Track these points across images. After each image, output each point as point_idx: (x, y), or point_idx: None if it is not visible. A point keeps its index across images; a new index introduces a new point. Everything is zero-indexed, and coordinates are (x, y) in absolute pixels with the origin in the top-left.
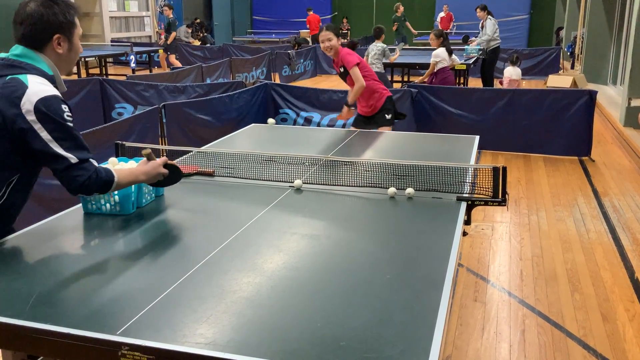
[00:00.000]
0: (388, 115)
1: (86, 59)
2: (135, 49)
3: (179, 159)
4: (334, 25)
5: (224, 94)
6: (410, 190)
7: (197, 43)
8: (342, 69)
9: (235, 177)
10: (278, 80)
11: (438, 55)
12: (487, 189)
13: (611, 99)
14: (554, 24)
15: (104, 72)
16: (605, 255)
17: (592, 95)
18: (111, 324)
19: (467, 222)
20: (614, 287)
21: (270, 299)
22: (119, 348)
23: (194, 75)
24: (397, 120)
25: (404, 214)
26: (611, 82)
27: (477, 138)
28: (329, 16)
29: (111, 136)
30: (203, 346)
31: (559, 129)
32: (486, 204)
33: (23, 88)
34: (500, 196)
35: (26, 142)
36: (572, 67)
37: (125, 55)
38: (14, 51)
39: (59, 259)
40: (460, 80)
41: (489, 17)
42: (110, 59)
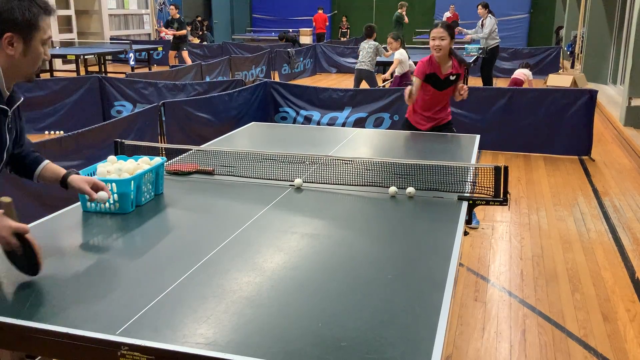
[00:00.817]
0: (454, 129)
1: (85, 57)
2: (135, 47)
3: (178, 157)
4: (452, 24)
5: (223, 92)
6: (411, 189)
7: (197, 41)
8: (454, 77)
9: (235, 176)
10: (277, 79)
11: (402, 54)
12: (488, 189)
13: (611, 98)
14: (553, 23)
15: (103, 70)
16: (606, 255)
17: (593, 94)
18: (110, 323)
19: (468, 222)
20: (615, 287)
21: (271, 299)
22: (118, 348)
23: (194, 73)
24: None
25: (405, 213)
26: (611, 82)
27: (478, 137)
28: (329, 15)
29: (110, 134)
30: (203, 346)
31: (560, 129)
32: (487, 203)
33: None
34: (501, 196)
35: None
36: (572, 67)
37: (125, 53)
38: None
39: (57, 258)
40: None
41: (489, 16)
42: (109, 57)
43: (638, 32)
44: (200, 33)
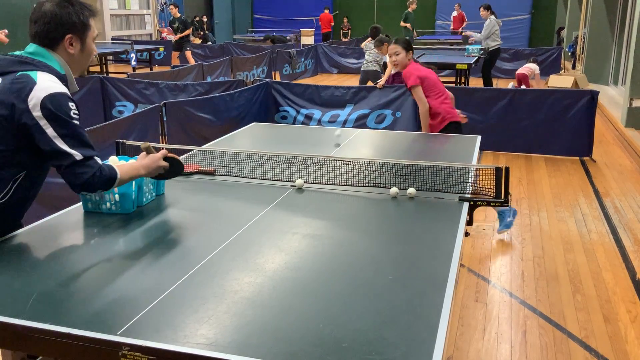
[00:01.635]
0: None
1: None
2: (136, 47)
3: (179, 158)
4: (404, 38)
5: (224, 93)
6: (412, 190)
7: (198, 41)
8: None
9: (236, 176)
10: (279, 79)
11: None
12: (490, 190)
13: (612, 99)
14: (555, 24)
15: (105, 70)
16: (607, 256)
17: (594, 95)
18: (112, 323)
19: (469, 223)
20: (616, 288)
21: (272, 300)
22: (120, 348)
23: (195, 74)
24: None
25: (406, 214)
26: (612, 83)
27: (479, 138)
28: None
29: (111, 134)
30: (204, 347)
31: (561, 129)
32: (488, 204)
33: (31, 84)
34: (502, 197)
35: (31, 138)
36: (573, 67)
37: (126, 53)
38: (28, 49)
39: (59, 258)
40: (462, 80)
41: (491, 18)
42: (110, 57)
43: (639, 33)
44: (202, 33)
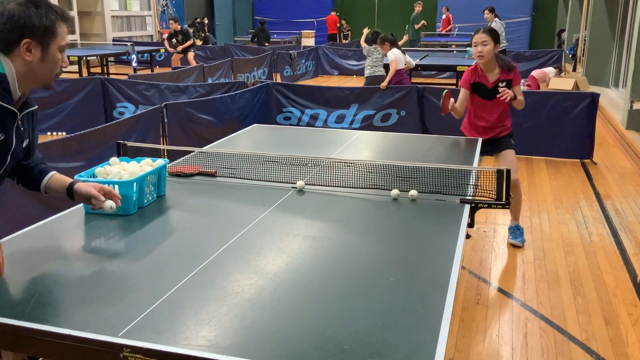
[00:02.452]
0: (512, 141)
1: (88, 58)
2: (137, 49)
3: (180, 159)
4: (492, 28)
5: (225, 94)
6: (413, 192)
7: (199, 43)
8: (504, 84)
9: (237, 178)
10: (279, 81)
11: (394, 53)
12: (491, 192)
13: (613, 101)
14: (555, 26)
15: (106, 72)
16: (608, 258)
17: (595, 98)
18: (112, 325)
19: (470, 225)
20: (617, 291)
21: (273, 302)
22: (121, 350)
23: (196, 75)
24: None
25: (407, 216)
26: (613, 85)
27: (480, 140)
28: None
29: (112, 136)
30: (205, 349)
31: (562, 132)
32: (490, 206)
33: None
34: (504, 199)
35: None
36: (574, 70)
37: (127, 55)
38: None
39: (60, 260)
40: None
41: (496, 20)
42: (111, 58)
43: None
44: (203, 35)
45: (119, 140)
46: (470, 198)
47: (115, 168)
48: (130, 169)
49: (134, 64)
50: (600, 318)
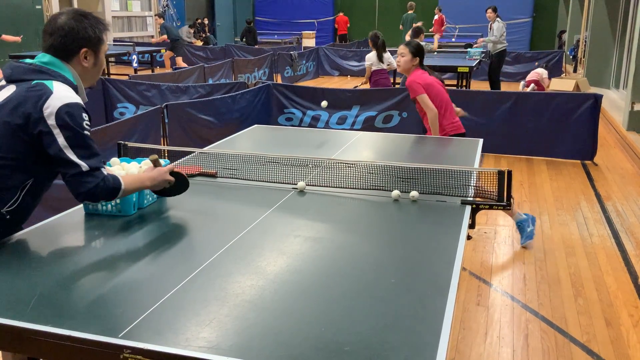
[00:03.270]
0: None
1: None
2: (138, 49)
3: (181, 160)
4: (417, 42)
5: (226, 95)
6: (414, 193)
7: (200, 43)
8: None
9: (237, 179)
10: (280, 81)
11: (369, 59)
12: (492, 193)
13: (614, 102)
14: (556, 27)
15: (106, 72)
16: (609, 259)
17: (597, 99)
18: (113, 326)
19: (471, 226)
20: (618, 292)
21: (274, 303)
22: (121, 351)
23: (196, 76)
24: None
25: (408, 217)
26: (614, 86)
27: (481, 141)
28: (332, 17)
29: (113, 136)
30: (206, 350)
31: (563, 133)
32: (491, 207)
33: (48, 93)
34: (505, 200)
35: (42, 146)
36: (575, 71)
37: (128, 55)
38: (42, 59)
39: (60, 260)
40: (463, 83)
41: (498, 20)
42: (112, 59)
43: None
44: (204, 35)
45: (119, 140)
46: (471, 199)
47: (116, 168)
48: (130, 170)
49: (135, 65)
50: (601, 319)
